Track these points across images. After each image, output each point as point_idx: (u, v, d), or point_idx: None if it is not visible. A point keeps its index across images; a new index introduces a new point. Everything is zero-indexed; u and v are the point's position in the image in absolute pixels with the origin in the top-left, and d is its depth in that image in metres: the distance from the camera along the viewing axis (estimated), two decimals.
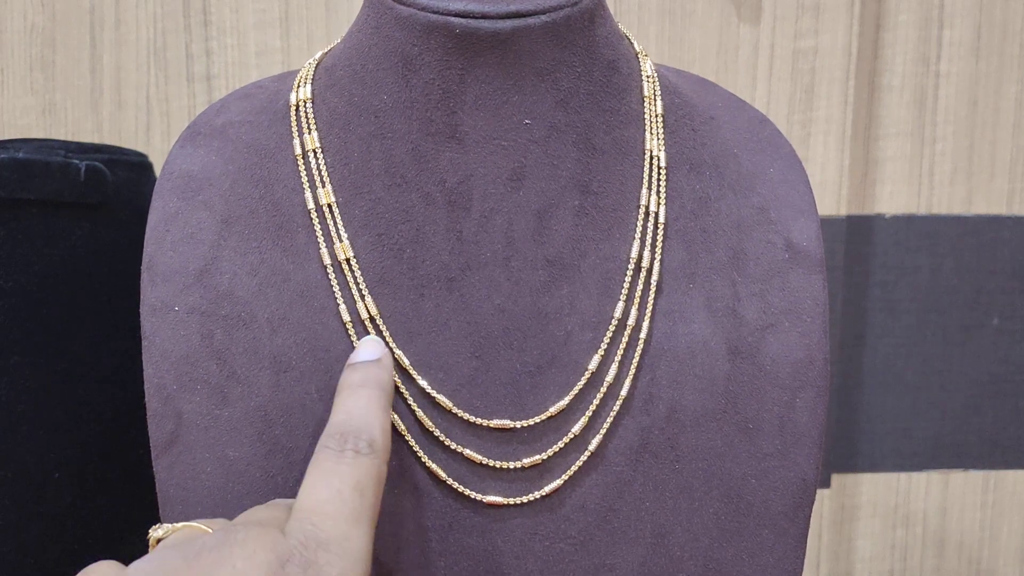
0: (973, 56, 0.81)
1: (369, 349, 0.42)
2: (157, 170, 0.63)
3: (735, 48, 0.79)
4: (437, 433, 0.43)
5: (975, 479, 0.86)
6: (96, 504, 0.58)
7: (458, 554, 0.43)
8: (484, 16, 0.42)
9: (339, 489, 0.37)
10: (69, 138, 0.75)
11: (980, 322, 0.84)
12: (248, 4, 0.76)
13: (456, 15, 0.42)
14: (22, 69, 0.75)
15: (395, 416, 0.43)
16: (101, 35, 0.75)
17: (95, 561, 0.36)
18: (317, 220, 0.44)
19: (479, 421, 0.43)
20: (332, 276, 0.44)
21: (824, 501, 0.85)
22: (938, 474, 0.86)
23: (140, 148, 0.74)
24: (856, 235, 0.82)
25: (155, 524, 0.39)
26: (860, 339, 0.84)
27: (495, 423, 0.43)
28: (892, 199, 0.82)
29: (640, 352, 0.44)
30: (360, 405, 0.40)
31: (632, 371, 0.44)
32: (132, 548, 0.60)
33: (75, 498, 0.57)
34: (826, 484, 0.85)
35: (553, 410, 0.43)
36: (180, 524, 0.38)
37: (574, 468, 0.43)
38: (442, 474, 0.43)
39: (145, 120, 0.77)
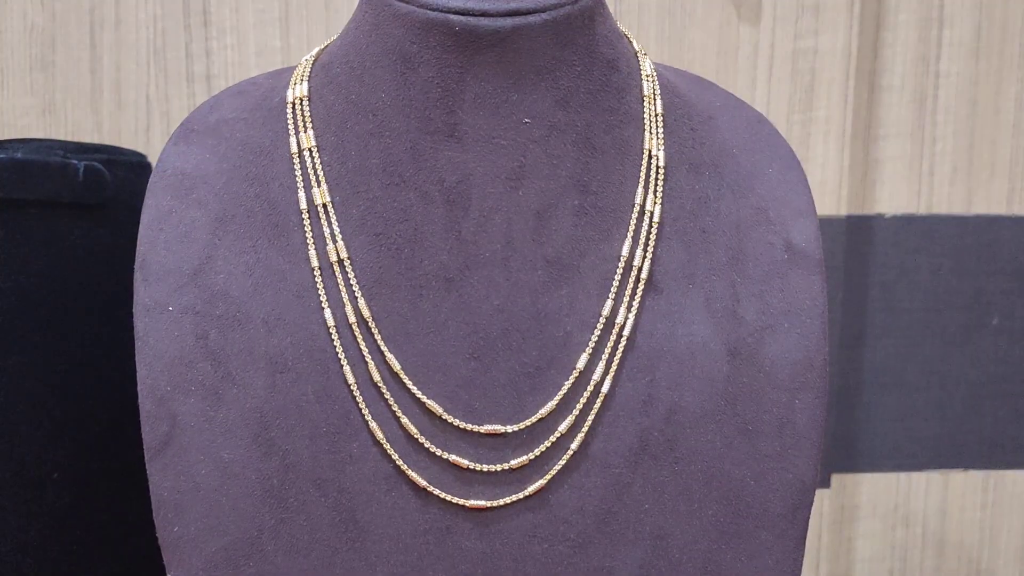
0: (973, 56, 0.81)
1: None
2: None
3: (735, 48, 0.79)
4: (422, 440, 0.43)
5: (975, 479, 0.86)
6: (96, 504, 0.58)
7: (455, 557, 0.43)
8: (484, 14, 0.42)
9: None
10: (69, 138, 0.75)
11: (980, 322, 0.84)
12: (248, 4, 0.76)
13: (456, 12, 0.42)
14: (22, 69, 0.75)
15: (375, 424, 0.43)
16: (101, 35, 0.75)
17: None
18: (310, 221, 0.44)
19: (471, 427, 0.43)
20: (319, 279, 0.44)
21: (824, 501, 0.85)
22: (938, 474, 0.86)
23: (140, 148, 0.74)
24: (856, 235, 0.82)
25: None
26: (860, 339, 0.84)
27: (486, 429, 0.43)
28: (892, 199, 0.82)
29: (623, 350, 0.44)
30: None
31: (614, 368, 0.43)
32: (132, 548, 0.60)
33: (75, 498, 0.57)
34: (826, 484, 0.85)
35: (543, 412, 0.43)
36: None
37: (557, 468, 0.43)
38: (432, 479, 0.43)
39: (145, 120, 0.77)
